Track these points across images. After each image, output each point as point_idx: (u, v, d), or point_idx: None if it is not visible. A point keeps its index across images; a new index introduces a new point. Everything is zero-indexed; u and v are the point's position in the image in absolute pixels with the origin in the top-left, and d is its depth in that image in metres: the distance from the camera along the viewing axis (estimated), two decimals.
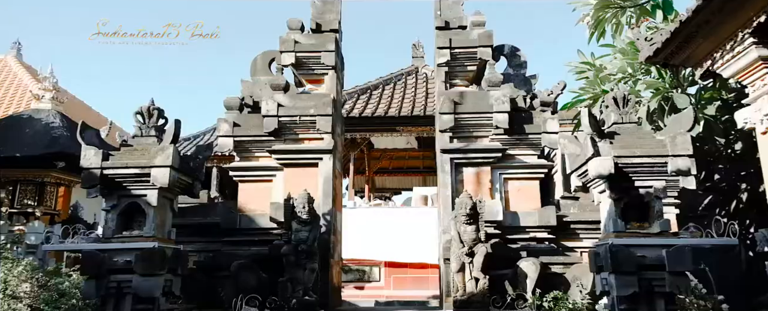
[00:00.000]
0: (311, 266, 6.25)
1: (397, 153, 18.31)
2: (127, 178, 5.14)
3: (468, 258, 6.17)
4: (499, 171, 7.28)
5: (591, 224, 7.09)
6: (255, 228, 7.19)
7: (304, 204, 6.33)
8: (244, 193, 7.46)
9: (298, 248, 6.18)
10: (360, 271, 11.68)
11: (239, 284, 6.37)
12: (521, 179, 7.31)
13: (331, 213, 7.09)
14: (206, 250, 7.27)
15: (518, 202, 7.22)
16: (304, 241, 6.23)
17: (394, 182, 20.30)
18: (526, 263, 6.34)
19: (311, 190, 6.64)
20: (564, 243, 7.12)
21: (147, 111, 5.58)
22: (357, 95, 13.89)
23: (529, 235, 7.04)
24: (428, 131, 12.67)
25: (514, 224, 7.04)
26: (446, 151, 7.17)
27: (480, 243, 6.24)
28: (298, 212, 6.35)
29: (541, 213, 7.03)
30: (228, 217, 7.18)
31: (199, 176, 5.86)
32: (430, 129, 12.63)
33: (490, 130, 7.27)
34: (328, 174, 7.23)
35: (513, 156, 7.35)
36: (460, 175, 7.23)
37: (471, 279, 6.14)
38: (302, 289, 6.16)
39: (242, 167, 7.47)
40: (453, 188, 7.08)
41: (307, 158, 7.31)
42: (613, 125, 5.21)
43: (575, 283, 6.33)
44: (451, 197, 7.01)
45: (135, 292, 4.86)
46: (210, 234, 7.29)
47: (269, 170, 7.42)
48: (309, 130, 7.41)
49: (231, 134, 7.35)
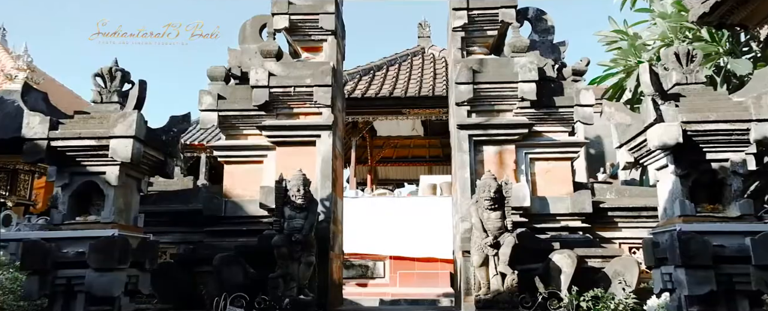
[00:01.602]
0: (307, 259, 5.40)
1: (402, 141, 17.46)
2: (81, 151, 4.28)
3: (492, 250, 5.31)
4: (524, 150, 6.41)
5: (631, 211, 6.26)
6: (243, 216, 6.34)
7: (299, 187, 5.48)
8: (230, 176, 6.60)
9: (291, 238, 5.32)
10: (363, 267, 10.84)
11: (223, 280, 5.53)
12: (550, 160, 6.44)
13: (330, 199, 6.24)
14: (186, 241, 6.43)
15: (547, 186, 6.36)
16: (298, 230, 5.38)
17: (398, 173, 19.44)
18: (559, 256, 5.48)
19: (308, 172, 5.78)
20: (600, 233, 6.27)
21: (108, 73, 4.71)
22: (359, 75, 13.01)
23: (560, 224, 6.19)
24: (437, 113, 11.81)
25: (543, 211, 6.18)
26: (464, 126, 6.29)
27: (506, 232, 5.38)
28: (291, 196, 5.49)
29: (574, 199, 6.17)
30: (211, 203, 6.32)
31: (173, 151, 5.00)
32: (439, 112, 11.80)
33: (514, 102, 6.39)
34: (327, 154, 6.37)
35: (540, 133, 6.48)
36: (479, 154, 6.36)
37: (496, 275, 5.28)
38: (296, 286, 5.32)
39: (228, 147, 6.61)
40: (472, 169, 6.21)
41: (302, 135, 6.44)
42: (676, 87, 4.33)
43: (616, 279, 5.51)
44: (470, 180, 6.14)
45: (88, 290, 4.00)
46: (191, 223, 6.45)
47: (259, 149, 6.56)
48: (305, 103, 6.54)
49: (215, 107, 6.48)
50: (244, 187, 6.49)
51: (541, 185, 6.38)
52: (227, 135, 6.72)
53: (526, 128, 6.27)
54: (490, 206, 5.37)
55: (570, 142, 6.40)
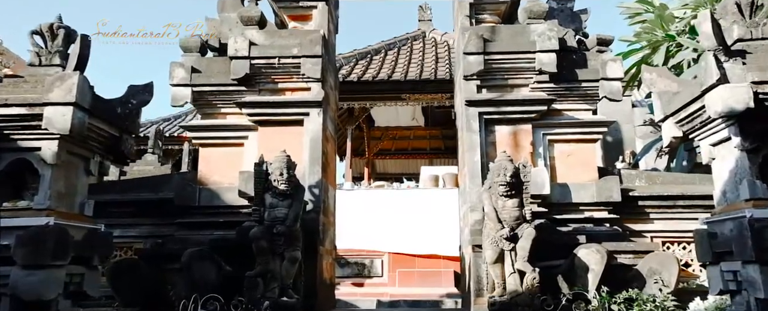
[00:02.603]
0: (291, 254, 4.66)
1: (401, 132, 16.72)
2: (8, 122, 3.54)
3: (509, 244, 4.58)
4: (542, 131, 5.68)
5: (665, 200, 5.54)
6: (219, 206, 5.61)
7: (282, 170, 4.74)
8: (206, 161, 5.86)
9: (272, 230, 4.59)
10: (359, 265, 10.11)
11: (194, 279, 4.81)
12: (572, 142, 5.71)
13: (320, 185, 5.50)
14: (156, 235, 5.70)
15: (568, 171, 5.63)
16: (281, 220, 4.65)
17: (397, 167, 18.71)
18: (586, 251, 4.76)
19: (294, 155, 5.06)
20: (628, 226, 5.55)
21: (49, 30, 3.96)
22: (355, 59, 12.26)
23: (584, 215, 5.47)
24: (439, 99, 11.07)
25: (565, 199, 5.46)
26: (473, 103, 5.55)
27: (525, 223, 4.66)
28: (273, 180, 4.76)
29: (599, 186, 5.44)
30: (183, 192, 5.58)
31: (130, 127, 4.26)
32: (442, 97, 11.07)
33: (530, 76, 5.66)
34: (317, 135, 5.63)
35: (560, 111, 5.75)
36: (491, 135, 5.62)
37: (514, 273, 4.55)
38: (278, 286, 4.59)
39: (204, 127, 5.87)
40: (483, 151, 5.48)
41: (288, 113, 5.70)
42: (738, 44, 3.60)
43: (652, 278, 4.81)
44: (481, 164, 5.41)
45: (12, 292, 3.27)
46: (162, 214, 5.71)
47: (239, 129, 5.82)
48: (291, 77, 5.79)
49: (188, 82, 5.73)
50: (222, 173, 5.76)
51: (561, 170, 5.65)
52: (203, 114, 5.97)
53: (545, 104, 5.54)
54: (505, 192, 4.64)
55: (595, 121, 5.67)
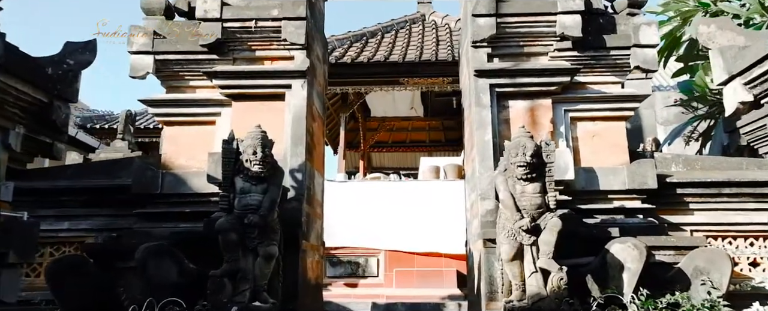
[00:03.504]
0: (266, 250, 3.92)
1: (399, 123, 15.94)
2: None
3: (529, 237, 3.85)
4: (564, 107, 4.95)
5: (708, 187, 4.83)
6: (186, 194, 4.86)
7: (255, 148, 4.00)
8: (171, 141, 5.11)
9: (243, 220, 3.85)
10: (352, 263, 9.37)
11: (151, 280, 4.07)
12: (598, 119, 4.99)
13: (303, 170, 4.75)
14: (111, 228, 4.95)
15: (594, 154, 4.91)
16: (254, 208, 3.91)
17: (394, 160, 17.95)
18: (621, 246, 4.03)
19: (274, 134, 4.33)
20: (664, 217, 4.82)
21: None
22: (349, 41, 11.50)
23: (613, 204, 4.74)
24: (440, 83, 10.32)
25: (590, 186, 4.73)
26: (484, 73, 4.81)
27: (548, 212, 3.93)
28: (245, 161, 4.02)
29: (632, 171, 4.72)
30: (143, 177, 4.83)
31: (65, 92, 3.51)
32: (443, 81, 10.32)
33: (550, 42, 4.93)
34: (301, 110, 4.89)
35: (584, 84, 5.03)
36: (504, 111, 4.89)
37: (535, 272, 3.82)
38: (250, 288, 3.85)
39: (169, 101, 5.11)
40: (495, 130, 4.74)
41: (267, 85, 4.96)
42: None
43: (698, 278, 4.13)
44: (493, 145, 4.68)
45: None
46: (119, 203, 4.97)
47: (210, 105, 5.07)
48: (271, 43, 5.05)
49: (150, 49, 4.98)
50: (190, 155, 5.01)
51: (585, 153, 4.93)
52: (168, 87, 5.21)
53: (568, 74, 4.80)
54: (525, 174, 3.91)
55: (625, 95, 4.93)
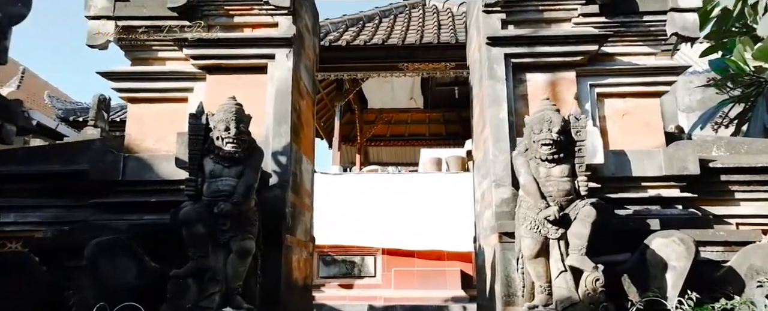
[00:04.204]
0: (240, 245, 3.30)
1: (397, 115, 15.36)
2: None
3: (556, 230, 3.25)
4: (589, 80, 4.35)
5: (757, 174, 4.23)
6: (153, 181, 4.24)
7: (228, 123, 3.39)
8: (137, 121, 4.49)
9: (212, 208, 3.24)
10: (347, 263, 8.77)
11: (103, 280, 3.48)
12: (629, 96, 4.39)
13: (288, 153, 4.14)
14: (66, 220, 4.33)
15: (624, 135, 4.31)
16: (226, 195, 3.30)
17: (393, 155, 17.35)
18: (664, 241, 3.44)
19: (255, 111, 3.72)
20: (705, 208, 4.22)
21: None
22: (345, 25, 10.88)
23: (647, 193, 4.14)
24: (442, 68, 9.71)
25: (621, 172, 4.13)
26: (498, 41, 4.20)
27: (579, 200, 3.33)
28: (216, 138, 3.40)
29: (669, 155, 4.12)
30: (102, 162, 4.21)
31: None
32: (445, 67, 9.71)
33: (574, 7, 4.33)
34: (285, 84, 4.27)
35: (613, 56, 4.43)
36: (521, 86, 4.28)
37: (564, 272, 3.22)
38: (220, 291, 3.23)
39: (134, 75, 4.49)
40: (511, 107, 4.14)
41: (247, 55, 4.34)
42: None
43: (754, 279, 3.60)
44: (509, 123, 4.07)
45: None
46: (76, 191, 4.35)
47: (181, 78, 4.46)
48: (251, 7, 4.43)
49: (111, 13, 4.37)
50: (158, 137, 4.40)
51: (614, 134, 4.33)
52: (134, 59, 4.59)
53: (595, 42, 4.19)
54: (550, 154, 3.31)
55: (661, 66, 4.33)
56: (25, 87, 14.63)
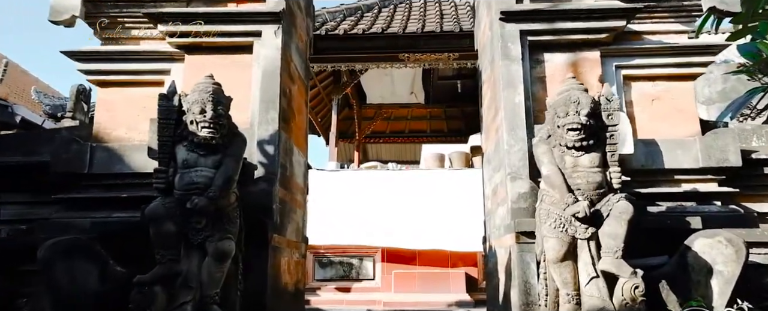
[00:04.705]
0: (218, 246, 2.85)
1: (397, 111, 14.89)
2: None
3: (585, 229, 2.81)
4: (615, 61, 3.91)
5: None
6: (124, 174, 3.80)
7: (204, 105, 2.94)
8: (106, 107, 4.05)
9: (185, 203, 2.79)
10: (345, 265, 8.34)
11: (60, 287, 3.02)
12: (659, 79, 3.95)
13: (276, 142, 3.69)
14: (26, 218, 3.88)
15: (654, 123, 3.88)
16: (201, 188, 2.85)
17: (393, 152, 16.91)
18: (708, 242, 2.99)
19: (239, 96, 3.29)
20: (746, 205, 3.79)
21: None
22: (342, 15, 10.42)
23: (681, 187, 3.70)
24: (445, 59, 9.20)
25: (652, 164, 3.70)
26: (513, 16, 3.76)
27: (611, 194, 2.89)
28: (191, 122, 2.96)
29: (706, 144, 3.69)
30: (67, 153, 3.77)
31: None
32: (448, 57, 9.18)
33: None
34: (273, 65, 3.82)
35: (641, 35, 4.00)
36: (538, 67, 3.84)
37: (596, 277, 2.77)
38: (194, 299, 2.79)
39: (103, 55, 4.04)
40: (527, 90, 3.70)
41: (231, 32, 3.90)
42: None
43: None
44: (525, 108, 3.63)
45: None
46: (37, 186, 3.90)
47: (157, 59, 4.02)
48: None
49: None
50: (131, 125, 3.96)
51: (643, 121, 3.89)
52: (104, 38, 4.14)
53: (623, 17, 3.75)
54: (578, 141, 2.87)
55: (696, 45, 3.89)
56: (12, 83, 14.15)
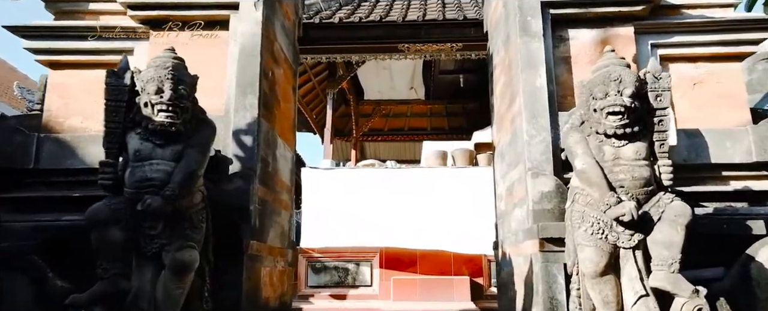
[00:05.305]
0: (177, 257, 2.32)
1: (396, 108, 14.36)
2: None
3: (631, 236, 2.29)
4: (650, 39, 3.40)
5: None
6: (77, 170, 3.27)
7: (161, 84, 2.42)
8: (58, 92, 3.52)
9: (136, 204, 2.27)
10: (340, 270, 7.81)
11: None
12: (702, 59, 3.44)
13: (255, 131, 3.17)
14: None
15: (697, 110, 3.36)
16: (156, 185, 2.33)
17: (391, 151, 16.33)
18: None
19: (213, 79, 2.77)
20: None
21: None
22: (338, 3, 9.87)
23: (730, 185, 3.18)
24: (447, 50, 8.70)
25: (696, 158, 3.18)
26: None
27: (663, 192, 2.37)
28: (145, 105, 2.44)
29: (761, 135, 3.17)
30: (9, 145, 3.24)
31: None
32: (451, 47, 8.66)
33: None
34: (253, 42, 3.30)
35: (679, 9, 3.48)
36: (561, 45, 3.33)
37: (645, 296, 2.25)
38: None
39: (55, 31, 3.51)
40: (550, 71, 3.18)
41: (203, 4, 3.38)
42: None
43: None
44: (548, 93, 3.11)
45: None
46: None
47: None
48: None
49: None
50: (87, 113, 3.43)
51: (683, 108, 3.37)
52: (57, 12, 3.61)
53: None
54: (621, 127, 2.36)
55: (745, 20, 3.37)
56: None
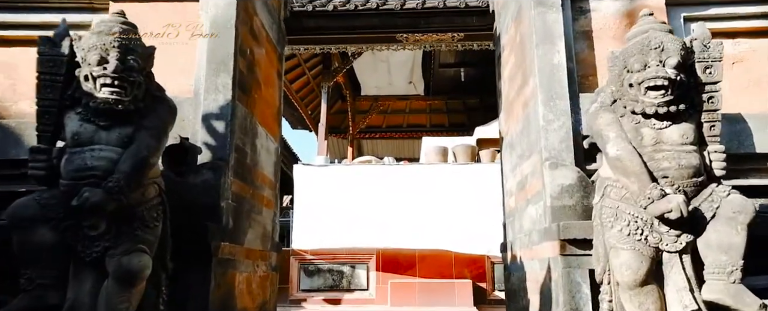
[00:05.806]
0: (123, 263, 1.91)
1: (394, 104, 13.98)
2: None
3: (677, 237, 1.88)
4: (683, 11, 3.00)
5: None
6: (23, 161, 2.84)
7: (105, 53, 2.01)
8: (4, 72, 3.11)
9: (73, 195, 1.85)
10: (335, 272, 7.41)
11: None
12: (741, 34, 3.04)
13: (227, 116, 2.75)
14: None
15: (737, 93, 2.95)
16: (97, 175, 1.91)
17: (389, 148, 15.93)
18: None
19: (180, 57, 2.35)
20: None
21: None
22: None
23: None
24: (448, 39, 8.26)
25: (737, 147, 2.77)
26: None
27: (716, 185, 1.96)
28: (86, 78, 2.02)
29: None
30: None
31: None
32: (452, 37, 8.26)
33: None
34: (227, 15, 2.89)
35: None
36: (582, 18, 2.92)
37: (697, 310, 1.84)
38: None
39: (3, 3, 3.10)
40: (570, 47, 2.77)
41: None
42: None
43: None
44: (568, 71, 2.70)
45: None
46: None
47: (73, 8, 3.08)
48: None
49: None
50: None
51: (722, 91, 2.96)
52: None
53: None
54: (663, 104, 1.96)
55: None
56: None
